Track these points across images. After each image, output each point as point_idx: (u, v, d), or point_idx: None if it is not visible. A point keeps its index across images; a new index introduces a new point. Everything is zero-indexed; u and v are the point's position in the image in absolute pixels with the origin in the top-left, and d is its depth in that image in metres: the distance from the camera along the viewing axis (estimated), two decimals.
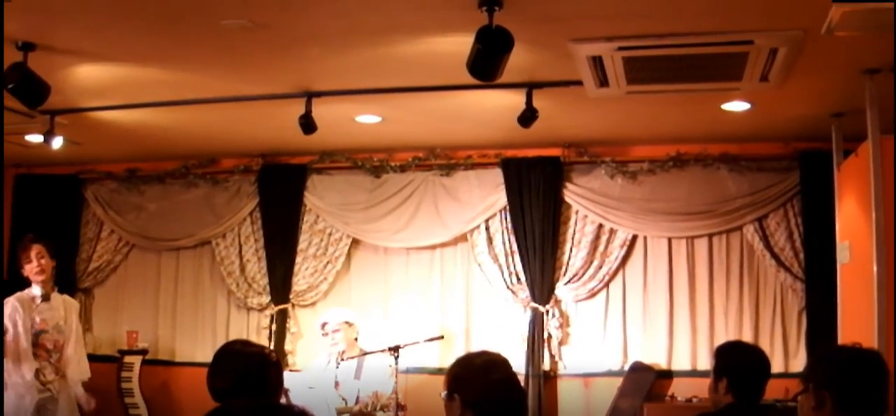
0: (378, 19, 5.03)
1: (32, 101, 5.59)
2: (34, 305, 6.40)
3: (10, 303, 6.32)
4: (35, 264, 6.42)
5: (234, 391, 3.38)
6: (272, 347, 8.31)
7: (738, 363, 4.12)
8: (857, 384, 3.07)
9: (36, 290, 6.43)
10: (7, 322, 6.24)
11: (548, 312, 8.07)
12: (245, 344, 3.71)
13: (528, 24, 4.88)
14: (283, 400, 5.34)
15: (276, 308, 8.61)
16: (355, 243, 8.68)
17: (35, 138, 7.52)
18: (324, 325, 7.32)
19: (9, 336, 6.23)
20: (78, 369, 6.64)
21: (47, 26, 5.16)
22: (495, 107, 6.72)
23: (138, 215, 9.13)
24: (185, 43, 5.50)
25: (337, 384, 6.84)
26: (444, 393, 3.29)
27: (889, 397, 3.11)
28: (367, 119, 7.35)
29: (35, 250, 6.46)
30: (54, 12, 4.94)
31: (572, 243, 8.15)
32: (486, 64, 4.78)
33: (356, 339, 7.29)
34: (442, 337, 7.47)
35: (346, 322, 7.24)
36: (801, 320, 7.71)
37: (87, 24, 5.13)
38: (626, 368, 7.95)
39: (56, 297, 6.60)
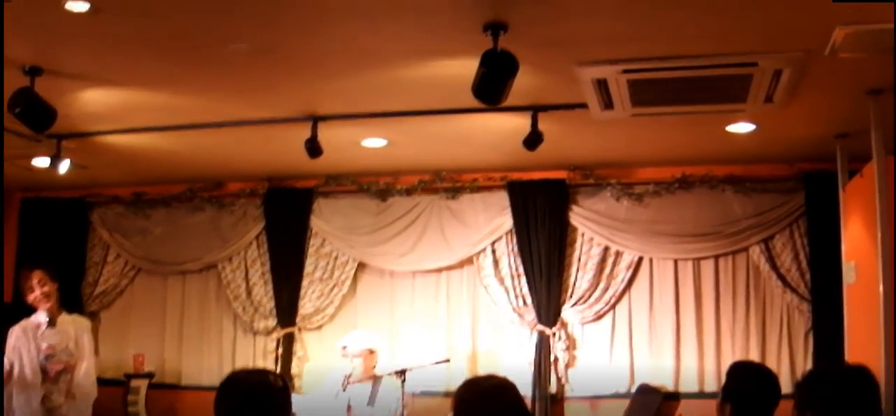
0: (383, 43, 5.04)
1: (39, 125, 5.58)
2: (40, 332, 6.39)
3: (15, 333, 6.32)
4: (38, 292, 6.41)
5: None
6: (279, 370, 8.30)
7: (742, 386, 4.01)
8: (855, 404, 3.07)
9: (42, 316, 6.42)
10: (11, 354, 6.23)
11: (554, 334, 8.05)
12: (248, 373, 3.65)
13: (533, 47, 4.89)
14: None
15: (283, 332, 8.60)
16: (361, 266, 8.68)
17: (41, 162, 7.51)
18: (344, 348, 7.08)
19: (14, 369, 6.22)
20: (86, 389, 6.61)
21: (54, 51, 5.18)
22: (501, 130, 6.73)
23: (144, 238, 9.14)
24: (190, 67, 5.51)
25: (349, 408, 6.74)
26: None
27: (880, 409, 3.11)
28: (373, 143, 7.36)
29: (36, 277, 6.44)
30: (61, 37, 4.95)
31: (578, 265, 8.14)
32: (492, 87, 4.78)
33: (374, 366, 7.04)
34: (448, 360, 7.46)
35: (369, 350, 7.02)
36: (808, 341, 7.69)
37: (94, 49, 5.14)
38: (633, 390, 7.92)
39: (64, 319, 6.56)
